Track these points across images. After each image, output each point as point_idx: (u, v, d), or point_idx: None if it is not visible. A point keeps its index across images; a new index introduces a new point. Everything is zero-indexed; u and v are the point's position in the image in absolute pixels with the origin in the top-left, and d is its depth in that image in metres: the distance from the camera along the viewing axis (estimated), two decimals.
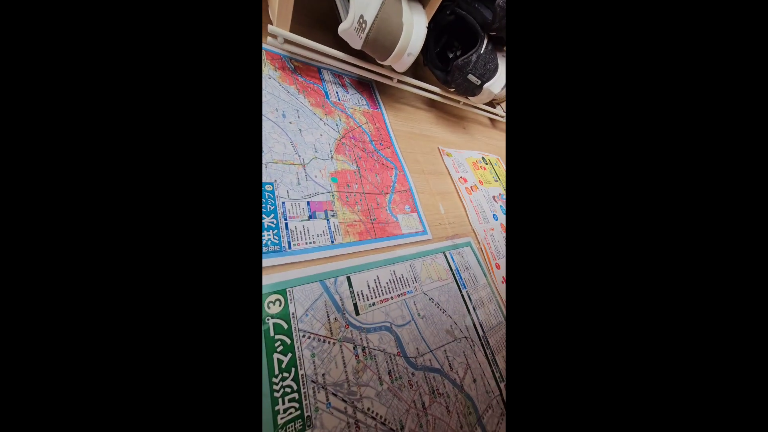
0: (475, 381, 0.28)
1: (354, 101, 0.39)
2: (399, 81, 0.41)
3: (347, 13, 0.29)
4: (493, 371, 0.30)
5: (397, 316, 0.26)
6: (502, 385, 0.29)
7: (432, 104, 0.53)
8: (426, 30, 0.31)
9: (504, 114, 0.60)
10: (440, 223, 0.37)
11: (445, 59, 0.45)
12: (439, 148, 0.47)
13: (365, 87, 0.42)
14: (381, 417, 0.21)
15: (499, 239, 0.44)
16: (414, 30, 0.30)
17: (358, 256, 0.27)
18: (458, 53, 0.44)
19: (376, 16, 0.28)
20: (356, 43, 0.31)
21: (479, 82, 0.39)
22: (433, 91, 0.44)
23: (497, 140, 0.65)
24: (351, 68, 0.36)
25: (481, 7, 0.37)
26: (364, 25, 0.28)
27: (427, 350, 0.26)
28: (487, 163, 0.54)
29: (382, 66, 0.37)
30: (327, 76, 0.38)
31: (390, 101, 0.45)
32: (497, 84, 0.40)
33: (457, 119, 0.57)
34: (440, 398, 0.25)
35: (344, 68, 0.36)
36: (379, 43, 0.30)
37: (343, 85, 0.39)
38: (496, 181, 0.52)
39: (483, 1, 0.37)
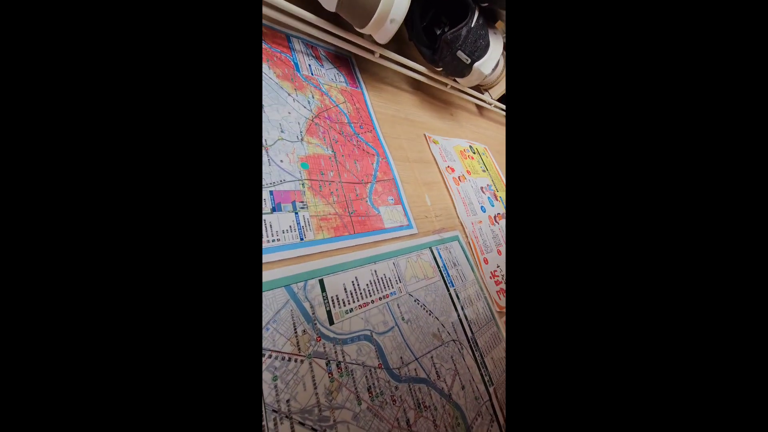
0: (463, 388, 0.25)
1: (330, 77, 0.34)
2: (381, 56, 0.36)
3: None
4: (482, 375, 0.28)
5: (379, 323, 0.23)
6: (492, 389, 0.28)
7: (417, 86, 0.49)
8: None
9: (492, 101, 0.57)
10: (426, 216, 0.34)
11: (432, 36, 0.41)
12: (425, 135, 0.43)
13: (343, 62, 0.37)
14: None
15: (487, 233, 0.41)
16: None
17: (333, 254, 0.23)
18: (446, 29, 0.40)
19: None
20: (330, 4, 0.26)
21: (469, 60, 0.35)
22: (418, 70, 0.40)
23: (485, 129, 0.63)
24: (326, 37, 0.31)
25: None
26: None
27: (412, 358, 0.23)
28: (474, 153, 0.51)
29: (361, 36, 0.33)
30: (298, 45, 0.32)
31: (371, 80, 0.41)
32: (488, 64, 0.36)
33: (444, 104, 0.54)
34: (426, 412, 0.22)
35: (318, 37, 0.31)
36: (358, 4, 0.25)
37: (317, 58, 0.34)
38: (484, 171, 0.50)
39: None
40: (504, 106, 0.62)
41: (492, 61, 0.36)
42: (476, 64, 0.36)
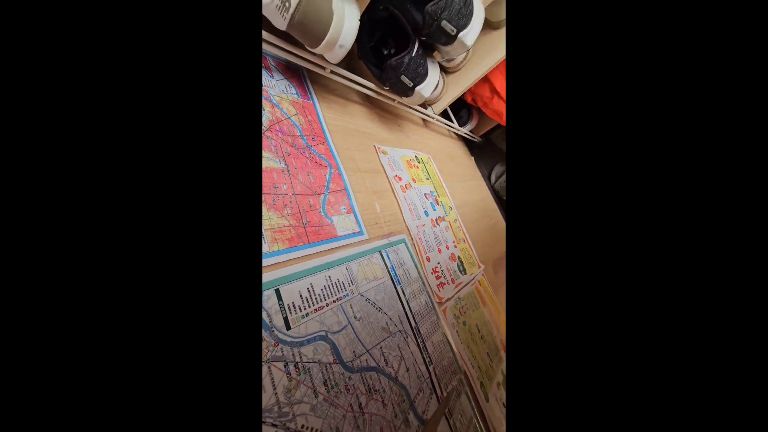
0: (408, 370, 0.30)
1: (281, 88, 0.34)
2: (332, 72, 0.38)
3: None
4: (423, 357, 0.33)
5: (333, 323, 0.26)
6: (431, 368, 0.33)
7: (367, 98, 0.52)
8: (358, 22, 0.30)
9: (434, 115, 0.64)
10: (376, 222, 0.38)
11: (380, 55, 0.44)
12: (375, 146, 0.47)
13: (294, 73, 0.38)
14: (316, 431, 0.21)
15: (430, 234, 0.47)
16: (345, 21, 0.29)
17: (289, 264, 0.25)
18: (392, 51, 0.44)
19: None
20: (280, 23, 0.27)
21: (411, 84, 0.40)
22: (368, 86, 0.44)
23: (429, 140, 0.70)
24: (276, 50, 0.32)
25: (412, 8, 0.37)
26: (287, 4, 0.25)
27: (364, 351, 0.27)
28: (419, 162, 0.57)
29: (312, 53, 0.34)
30: None
31: (322, 91, 0.42)
32: (428, 88, 0.42)
33: (393, 116, 0.59)
34: (376, 395, 0.26)
35: (268, 48, 0.31)
36: (307, 28, 0.27)
37: (267, 68, 0.34)
38: (428, 179, 0.56)
39: (415, 3, 0.38)
40: (445, 120, 0.70)
41: (431, 86, 0.42)
42: (417, 88, 0.41)
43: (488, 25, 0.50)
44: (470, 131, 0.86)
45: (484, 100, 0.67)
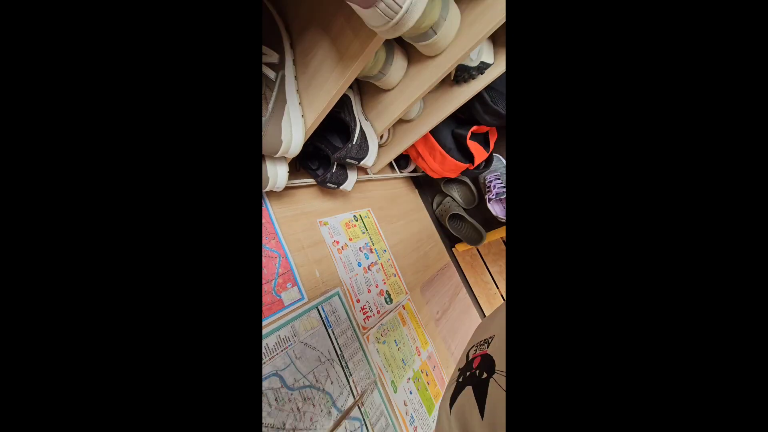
0: (332, 383, 0.50)
1: None
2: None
3: None
4: (345, 373, 0.53)
5: (281, 364, 0.44)
6: (351, 378, 0.53)
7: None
8: (288, 174, 0.46)
9: (374, 174, 0.81)
10: (315, 286, 0.56)
11: (315, 156, 0.60)
12: (318, 221, 0.64)
13: None
14: (270, 425, 0.40)
15: (361, 280, 0.66)
16: (279, 176, 0.45)
17: None
18: (325, 153, 0.60)
19: None
20: None
21: (337, 185, 0.57)
22: (308, 182, 0.60)
23: (371, 191, 0.87)
24: None
25: (333, 139, 0.54)
26: None
27: (302, 377, 0.46)
28: (357, 220, 0.75)
29: None
30: None
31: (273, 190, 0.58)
32: (350, 184, 0.59)
33: None
34: (309, 401, 0.45)
35: None
36: None
37: None
38: (364, 233, 0.74)
39: (337, 132, 0.54)
40: (387, 173, 0.88)
41: (352, 182, 0.59)
42: (341, 186, 0.58)
43: (405, 121, 0.67)
44: (411, 171, 1.03)
45: (413, 157, 0.85)
